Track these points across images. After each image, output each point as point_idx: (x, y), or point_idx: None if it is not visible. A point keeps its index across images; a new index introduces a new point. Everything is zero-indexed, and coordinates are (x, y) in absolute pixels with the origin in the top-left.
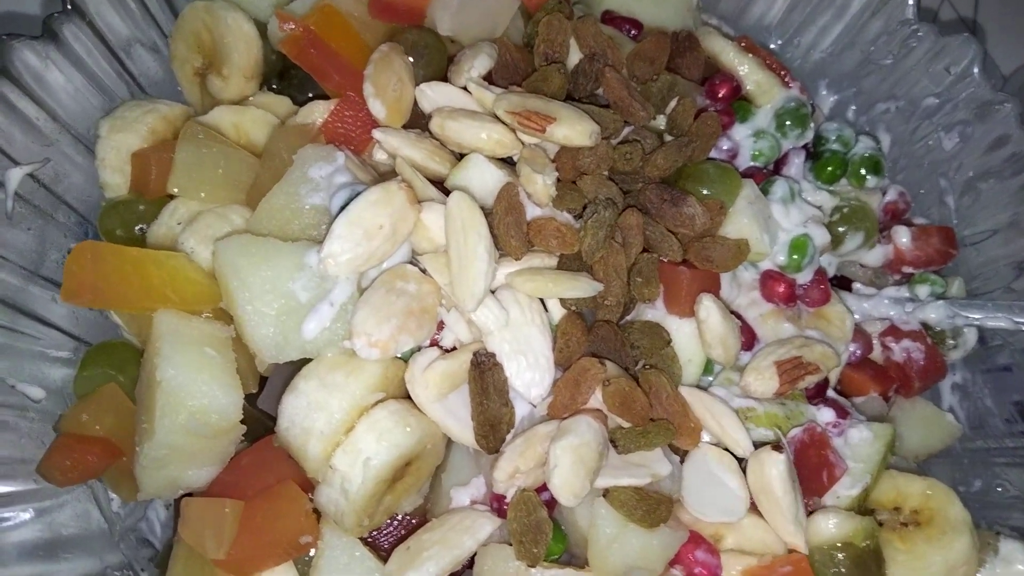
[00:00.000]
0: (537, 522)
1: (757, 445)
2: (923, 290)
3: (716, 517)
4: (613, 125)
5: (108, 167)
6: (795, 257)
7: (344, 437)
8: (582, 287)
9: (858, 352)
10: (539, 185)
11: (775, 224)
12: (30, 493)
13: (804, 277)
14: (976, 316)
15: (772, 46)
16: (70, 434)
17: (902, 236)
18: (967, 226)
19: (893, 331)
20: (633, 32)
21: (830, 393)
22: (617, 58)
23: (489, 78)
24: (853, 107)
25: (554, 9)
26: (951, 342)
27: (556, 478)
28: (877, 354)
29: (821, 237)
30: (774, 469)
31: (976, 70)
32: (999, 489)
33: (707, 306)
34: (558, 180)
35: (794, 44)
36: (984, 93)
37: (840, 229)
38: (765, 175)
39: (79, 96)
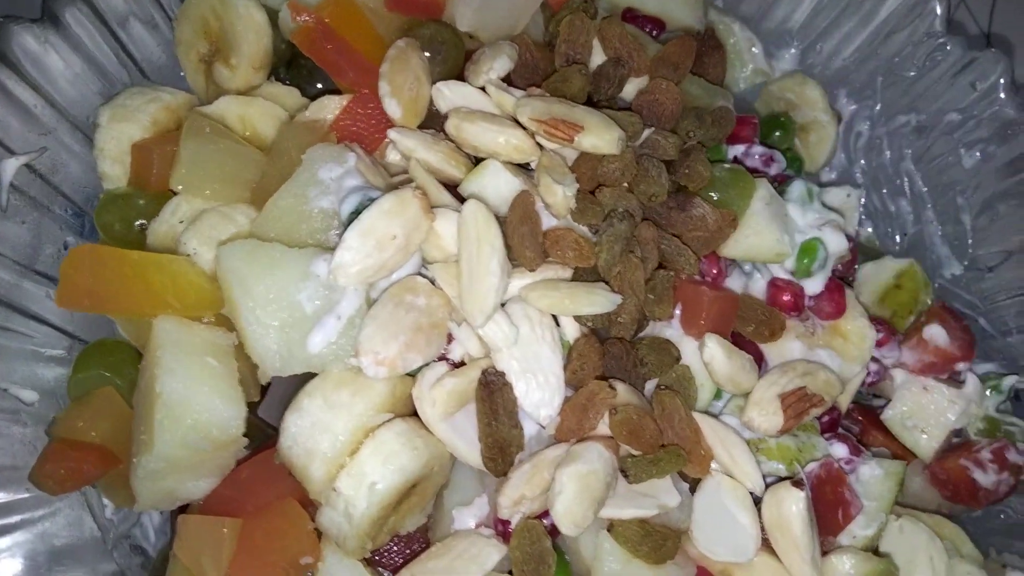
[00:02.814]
0: (540, 552)
1: (767, 479)
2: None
3: (725, 556)
4: (632, 128)
5: (107, 157)
6: (804, 261)
7: (349, 459)
8: (600, 302)
9: (878, 374)
10: (559, 197)
11: (792, 223)
12: (21, 502)
13: (814, 286)
14: None
15: (792, 50)
16: (64, 440)
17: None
18: (981, 246)
19: None
20: (655, 32)
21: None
22: (643, 62)
23: (507, 77)
24: (869, 118)
25: (578, 8)
26: None
27: (559, 505)
28: None
29: (836, 243)
30: (794, 506)
31: (1002, 88)
32: (1002, 516)
33: (710, 350)
34: (577, 191)
35: (816, 50)
36: (1008, 112)
37: None
38: (783, 176)
39: (78, 82)
